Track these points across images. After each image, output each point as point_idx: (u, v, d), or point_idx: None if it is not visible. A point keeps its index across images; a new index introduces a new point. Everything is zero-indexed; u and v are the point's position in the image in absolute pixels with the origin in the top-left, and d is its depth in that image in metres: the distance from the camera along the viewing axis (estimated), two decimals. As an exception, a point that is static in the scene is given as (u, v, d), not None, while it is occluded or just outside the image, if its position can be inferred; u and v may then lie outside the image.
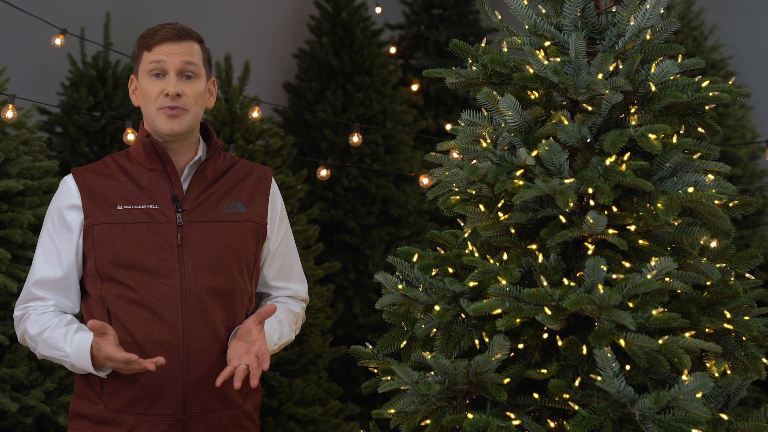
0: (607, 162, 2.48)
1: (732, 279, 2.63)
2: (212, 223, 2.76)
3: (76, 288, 2.78)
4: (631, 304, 2.40)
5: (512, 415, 2.43)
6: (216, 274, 2.73)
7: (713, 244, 2.68)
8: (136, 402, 2.69)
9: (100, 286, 2.73)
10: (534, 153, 2.52)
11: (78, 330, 2.70)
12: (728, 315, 2.53)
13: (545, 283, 2.44)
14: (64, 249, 2.75)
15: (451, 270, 2.63)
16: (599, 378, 2.35)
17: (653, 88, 2.56)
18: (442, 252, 2.66)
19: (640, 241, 2.51)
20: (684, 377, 2.33)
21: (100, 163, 2.82)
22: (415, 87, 6.59)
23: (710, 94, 2.56)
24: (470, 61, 2.71)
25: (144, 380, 2.68)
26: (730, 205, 2.59)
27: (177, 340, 2.68)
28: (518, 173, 2.53)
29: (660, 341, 2.38)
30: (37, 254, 2.79)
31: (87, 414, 2.73)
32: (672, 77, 2.58)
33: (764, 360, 2.56)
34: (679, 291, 2.52)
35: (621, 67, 2.59)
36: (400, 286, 2.61)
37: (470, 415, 2.41)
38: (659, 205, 2.44)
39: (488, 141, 2.64)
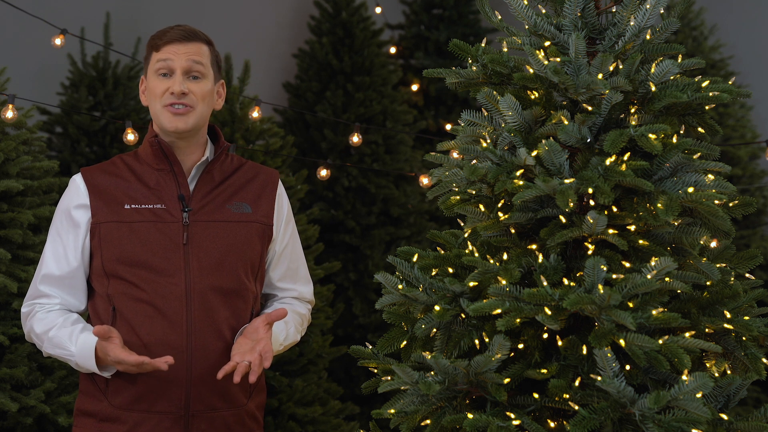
0: (607, 162, 2.48)
1: (732, 279, 2.63)
2: (218, 223, 2.78)
3: (82, 286, 2.80)
4: (631, 304, 2.40)
5: (512, 415, 2.43)
6: (221, 273, 2.74)
7: (713, 244, 2.68)
8: (139, 399, 2.71)
9: (107, 284, 2.75)
10: (534, 153, 2.52)
11: (83, 330, 2.72)
12: (728, 315, 2.53)
13: (545, 283, 2.44)
14: (71, 247, 2.77)
15: (451, 270, 2.63)
16: (599, 378, 2.35)
17: (653, 88, 2.56)
18: (442, 252, 2.66)
19: (640, 241, 2.51)
20: (684, 377, 2.33)
21: (108, 163, 2.85)
22: (415, 87, 6.59)
23: (710, 94, 2.56)
24: (470, 61, 2.71)
25: (148, 378, 2.70)
26: (730, 205, 2.59)
27: (181, 338, 2.70)
28: (518, 173, 2.53)
29: (660, 341, 2.38)
30: (46, 251, 2.81)
31: (91, 411, 2.75)
32: (672, 77, 2.58)
33: (764, 360, 2.57)
34: (679, 291, 2.52)
35: (621, 67, 2.59)
36: (400, 286, 2.61)
37: (470, 415, 2.41)
38: (659, 205, 2.44)
39: (488, 141, 2.64)
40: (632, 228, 2.52)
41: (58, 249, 2.79)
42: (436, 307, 2.54)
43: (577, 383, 2.46)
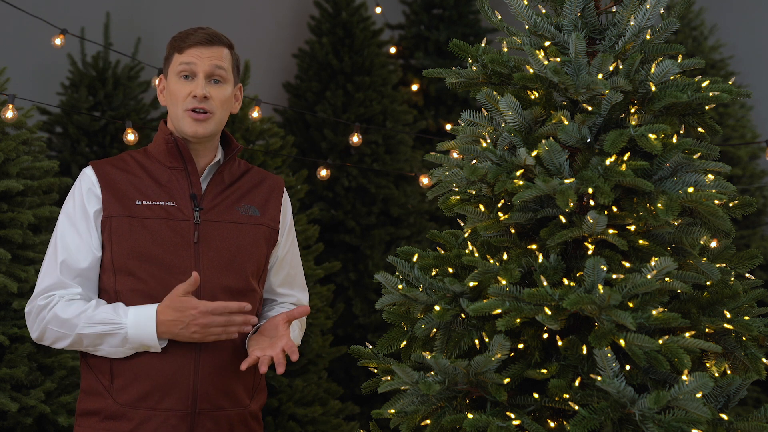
0: (607, 162, 2.48)
1: (732, 279, 2.63)
2: (228, 224, 2.79)
3: (96, 279, 2.77)
4: (631, 304, 2.40)
5: (512, 415, 2.43)
6: (230, 273, 2.75)
7: (713, 244, 2.68)
8: (146, 396, 2.70)
9: (114, 280, 2.74)
10: (534, 153, 2.52)
11: (128, 307, 2.70)
12: (728, 315, 2.53)
13: (545, 283, 2.44)
14: (87, 238, 2.75)
15: (451, 270, 2.63)
16: (599, 378, 2.35)
17: (653, 88, 2.56)
18: (442, 252, 2.66)
19: (640, 241, 2.51)
20: (684, 377, 2.33)
21: (117, 158, 2.85)
22: (415, 87, 6.59)
23: (710, 94, 2.56)
24: (470, 61, 2.71)
25: (155, 375, 2.70)
26: (730, 205, 2.59)
27: None
28: (518, 173, 2.53)
29: (660, 341, 2.38)
30: (57, 244, 2.76)
31: (95, 410, 2.74)
32: (672, 77, 2.58)
33: (764, 360, 2.56)
34: (679, 291, 2.52)
35: (621, 67, 2.59)
36: (400, 286, 2.61)
37: (470, 415, 2.41)
38: (659, 205, 2.44)
39: (488, 141, 2.64)
40: (632, 228, 2.52)
41: (75, 239, 2.75)
42: (436, 307, 2.54)
43: (577, 383, 2.46)
